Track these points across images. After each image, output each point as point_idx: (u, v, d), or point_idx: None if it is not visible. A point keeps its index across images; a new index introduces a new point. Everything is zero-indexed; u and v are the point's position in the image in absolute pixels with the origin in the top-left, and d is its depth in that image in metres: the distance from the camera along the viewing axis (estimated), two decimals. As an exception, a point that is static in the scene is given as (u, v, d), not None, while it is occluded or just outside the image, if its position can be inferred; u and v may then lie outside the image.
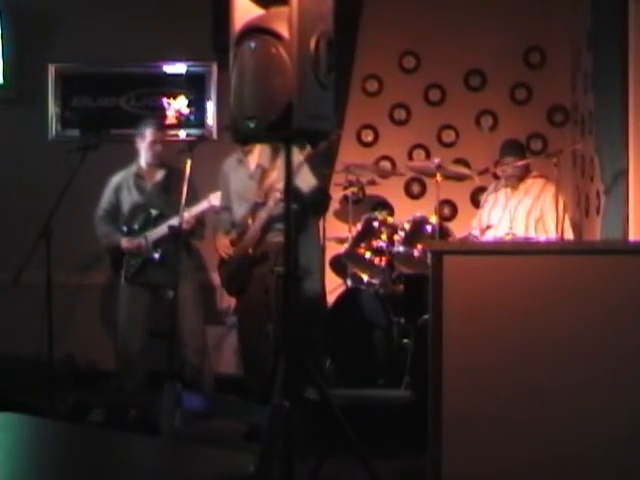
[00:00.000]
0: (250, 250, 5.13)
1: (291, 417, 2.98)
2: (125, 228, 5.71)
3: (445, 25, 6.59)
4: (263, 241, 5.12)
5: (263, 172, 5.21)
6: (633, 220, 4.83)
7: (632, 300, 3.52)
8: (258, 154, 5.23)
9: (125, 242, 5.65)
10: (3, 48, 6.55)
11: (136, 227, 5.69)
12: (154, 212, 5.66)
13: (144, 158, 5.71)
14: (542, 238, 5.55)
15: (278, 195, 4.86)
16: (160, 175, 5.73)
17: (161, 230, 5.49)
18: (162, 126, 6.02)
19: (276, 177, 5.01)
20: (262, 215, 5.09)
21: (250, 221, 5.15)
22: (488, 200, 5.99)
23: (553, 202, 5.58)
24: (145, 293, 5.70)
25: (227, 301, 6.12)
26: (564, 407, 3.53)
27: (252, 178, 5.23)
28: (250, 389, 5.06)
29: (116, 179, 5.78)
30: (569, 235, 5.60)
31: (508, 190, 5.86)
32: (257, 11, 3.46)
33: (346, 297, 5.82)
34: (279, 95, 3.29)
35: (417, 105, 6.75)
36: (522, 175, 5.82)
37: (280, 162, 4.91)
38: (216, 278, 5.74)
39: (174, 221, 5.13)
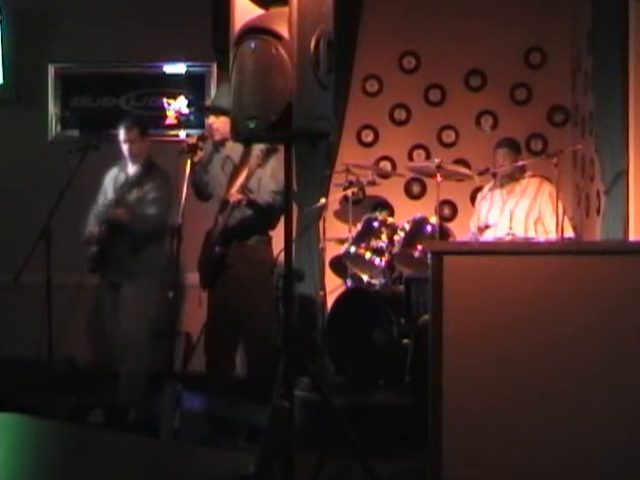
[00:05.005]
0: (217, 248, 5.05)
1: (291, 417, 2.98)
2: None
3: (445, 25, 6.60)
4: (228, 246, 5.07)
5: (235, 169, 5.12)
6: (633, 220, 4.84)
7: (632, 300, 3.52)
8: (230, 146, 5.10)
9: (86, 232, 5.55)
10: (3, 48, 6.55)
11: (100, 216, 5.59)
12: (108, 203, 5.56)
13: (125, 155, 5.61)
14: (542, 239, 5.54)
15: (234, 198, 4.87)
16: (133, 170, 5.58)
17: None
18: (134, 124, 5.56)
19: (244, 179, 4.94)
20: (220, 220, 5.04)
21: (220, 218, 5.07)
22: (486, 198, 5.96)
23: (550, 200, 5.57)
24: (106, 287, 5.62)
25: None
26: (564, 407, 3.53)
27: (222, 169, 5.15)
28: (250, 390, 5.04)
29: (108, 175, 5.71)
30: (569, 233, 5.58)
31: (504, 192, 5.83)
32: (257, 11, 3.47)
33: (346, 297, 5.82)
34: (279, 95, 3.29)
35: (417, 105, 6.75)
36: (516, 176, 5.80)
37: (253, 161, 4.89)
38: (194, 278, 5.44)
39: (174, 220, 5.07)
